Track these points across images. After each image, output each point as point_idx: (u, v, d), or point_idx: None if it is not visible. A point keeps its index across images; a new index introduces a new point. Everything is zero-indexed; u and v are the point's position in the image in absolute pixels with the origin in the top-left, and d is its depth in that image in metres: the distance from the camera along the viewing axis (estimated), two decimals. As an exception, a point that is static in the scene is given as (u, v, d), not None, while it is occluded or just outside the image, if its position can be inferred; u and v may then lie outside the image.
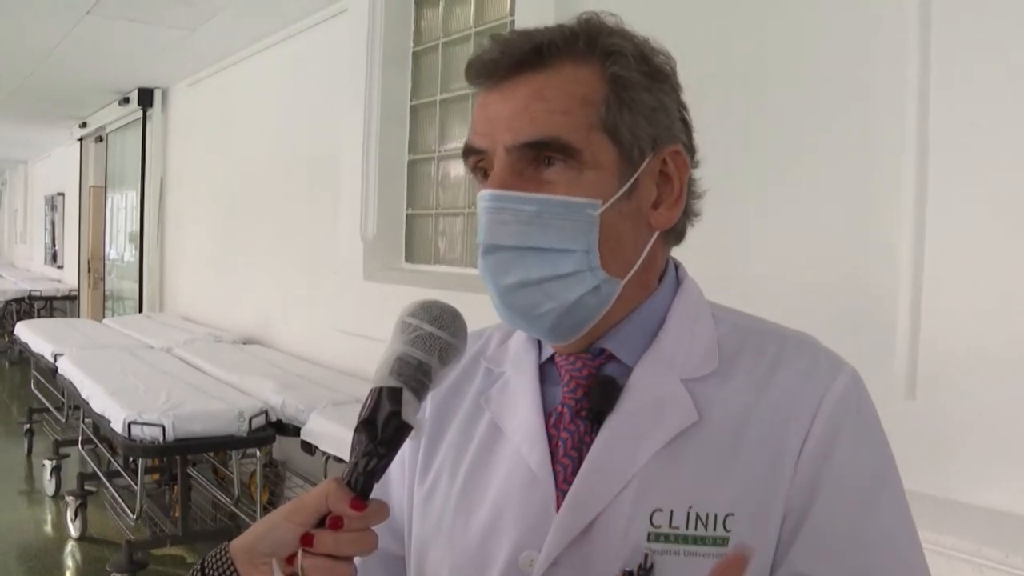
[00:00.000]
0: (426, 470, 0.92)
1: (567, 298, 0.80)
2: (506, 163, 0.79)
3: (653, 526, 0.77)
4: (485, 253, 0.81)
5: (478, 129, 0.82)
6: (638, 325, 0.85)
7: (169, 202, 7.78)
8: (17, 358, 9.54)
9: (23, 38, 5.84)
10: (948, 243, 1.89)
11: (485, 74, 0.82)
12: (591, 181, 0.79)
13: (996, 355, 1.81)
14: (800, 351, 0.83)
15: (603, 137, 0.79)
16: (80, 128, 9.88)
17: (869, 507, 0.77)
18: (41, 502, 5.24)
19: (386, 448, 0.73)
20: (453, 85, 4.07)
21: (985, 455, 1.82)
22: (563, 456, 0.82)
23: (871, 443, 0.80)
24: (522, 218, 0.79)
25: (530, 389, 0.87)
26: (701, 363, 0.83)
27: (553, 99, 0.78)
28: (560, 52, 0.79)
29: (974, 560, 1.69)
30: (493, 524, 0.83)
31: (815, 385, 0.79)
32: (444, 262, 4.13)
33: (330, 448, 3.37)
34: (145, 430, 3.46)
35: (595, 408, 0.82)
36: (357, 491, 0.72)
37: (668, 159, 0.83)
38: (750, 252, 2.27)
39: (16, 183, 17.29)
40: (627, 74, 0.80)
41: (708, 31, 2.44)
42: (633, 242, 0.82)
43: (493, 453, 0.87)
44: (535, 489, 0.82)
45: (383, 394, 0.74)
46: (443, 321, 0.78)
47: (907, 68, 1.94)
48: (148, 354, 5.19)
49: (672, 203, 0.84)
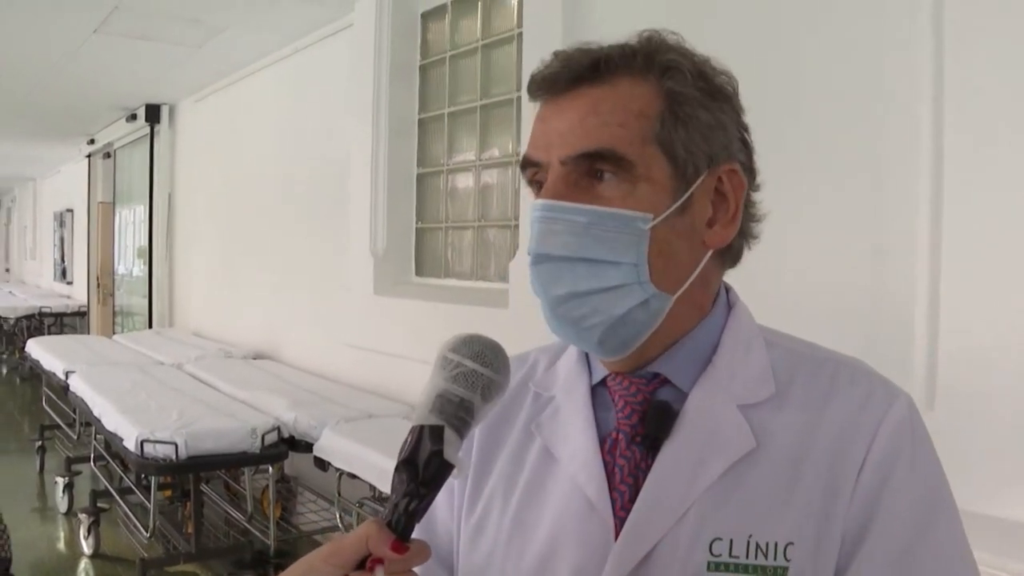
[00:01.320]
0: (475, 500, 0.90)
1: (615, 311, 0.79)
2: (560, 175, 0.80)
3: (712, 555, 0.76)
4: (535, 263, 0.81)
5: (535, 142, 0.83)
6: (692, 349, 0.85)
7: (177, 217, 7.80)
8: (28, 375, 9.57)
9: (32, 56, 5.87)
10: (966, 253, 1.88)
11: (545, 88, 0.83)
12: (643, 195, 0.79)
13: (1015, 365, 1.79)
14: (855, 378, 0.83)
15: (657, 152, 0.79)
16: (88, 144, 9.92)
17: (924, 533, 0.77)
18: (54, 519, 5.24)
19: (427, 488, 0.72)
20: (461, 98, 4.07)
21: (1006, 466, 1.80)
22: (619, 483, 0.81)
23: (926, 469, 0.80)
24: (573, 228, 0.79)
25: (583, 414, 0.86)
26: (757, 389, 0.82)
27: (608, 112, 0.79)
28: (618, 67, 0.80)
29: (998, 574, 1.67)
30: (549, 554, 0.82)
31: (871, 413, 0.79)
32: (454, 275, 4.13)
33: (343, 464, 3.36)
34: (158, 448, 3.46)
35: (651, 434, 0.81)
36: (398, 532, 0.71)
37: (724, 177, 0.83)
38: (766, 264, 2.26)
39: (25, 200, 17.36)
40: (683, 90, 0.80)
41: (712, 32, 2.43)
42: (685, 259, 0.82)
43: (546, 481, 0.86)
44: (592, 518, 0.81)
45: (424, 433, 0.73)
46: (485, 357, 0.76)
47: (922, 77, 1.94)
48: (159, 371, 5.19)
49: (727, 222, 0.84)
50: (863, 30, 2.10)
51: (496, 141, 3.87)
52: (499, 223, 3.83)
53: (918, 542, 0.76)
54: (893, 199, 2.02)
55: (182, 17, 4.93)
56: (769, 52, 2.32)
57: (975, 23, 1.86)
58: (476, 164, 3.97)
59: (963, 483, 1.82)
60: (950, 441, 1.87)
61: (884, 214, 2.05)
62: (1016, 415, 1.78)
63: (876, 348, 2.01)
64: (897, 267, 2.01)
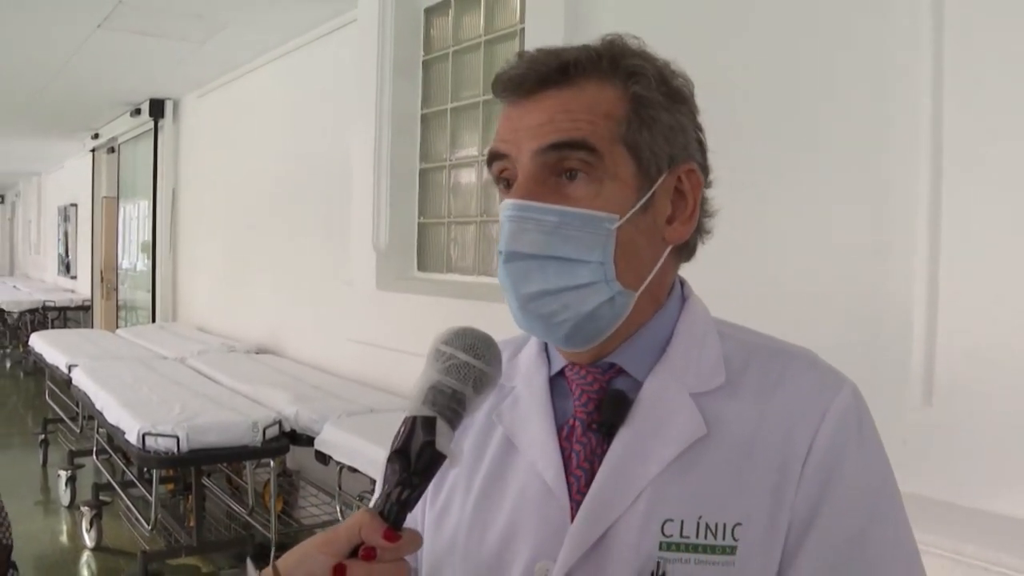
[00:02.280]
0: (438, 488, 0.93)
1: (583, 308, 0.82)
2: (530, 172, 0.82)
3: (664, 536, 0.79)
4: (506, 261, 0.84)
5: (503, 136, 0.85)
6: (647, 340, 0.88)
7: (181, 212, 7.82)
8: (32, 369, 9.60)
9: (36, 51, 5.89)
10: (963, 250, 1.88)
11: (511, 88, 0.85)
12: (610, 194, 0.82)
13: (1013, 361, 1.79)
14: (803, 367, 0.86)
15: (623, 151, 0.82)
16: (92, 139, 9.94)
17: (871, 518, 0.80)
18: (56, 512, 5.26)
19: (420, 478, 0.74)
20: (464, 93, 4.07)
21: (1003, 462, 1.81)
22: (576, 468, 0.84)
23: (872, 456, 0.83)
24: (543, 228, 0.81)
25: (542, 403, 0.89)
26: (709, 377, 0.85)
27: (578, 111, 0.82)
28: (585, 71, 0.83)
29: (993, 568, 1.68)
30: (508, 537, 0.85)
31: (818, 400, 0.82)
32: (456, 271, 4.14)
33: (344, 458, 3.37)
34: (160, 441, 3.47)
35: (607, 421, 0.84)
36: (390, 521, 0.72)
37: (683, 177, 0.86)
38: (764, 262, 2.27)
39: (29, 194, 17.40)
40: (648, 94, 0.83)
41: (714, 32, 2.43)
42: (647, 256, 0.85)
43: (507, 468, 0.89)
44: (550, 501, 0.84)
45: (417, 423, 0.75)
46: (478, 349, 0.79)
47: (920, 73, 1.94)
48: (161, 365, 5.21)
49: (685, 219, 0.87)
50: (863, 25, 2.10)
51: (498, 137, 3.87)
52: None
53: (864, 530, 0.79)
54: (892, 197, 2.02)
55: (186, 13, 4.94)
56: (768, 50, 2.32)
57: (975, 19, 1.86)
58: (479, 159, 3.98)
59: (961, 479, 1.84)
60: (947, 438, 1.89)
61: (882, 212, 2.05)
62: (1013, 413, 1.79)
63: (874, 346, 2.02)
64: (896, 265, 2.01)
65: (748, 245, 2.23)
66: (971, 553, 1.70)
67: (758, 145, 2.29)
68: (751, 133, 2.30)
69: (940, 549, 1.73)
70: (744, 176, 2.25)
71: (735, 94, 2.33)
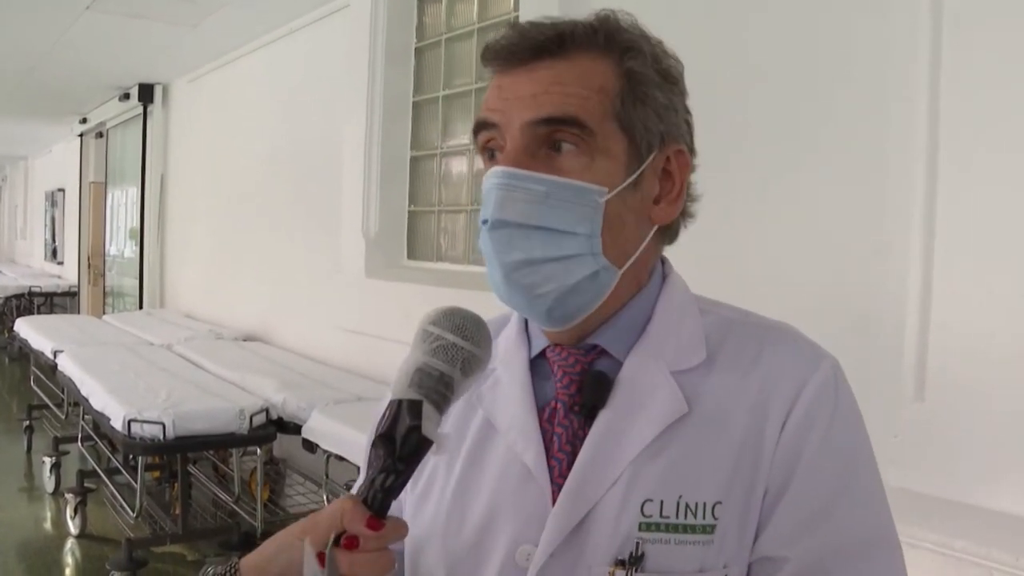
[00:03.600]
0: (420, 472, 0.90)
1: (567, 280, 0.81)
2: (520, 142, 0.80)
3: (644, 516, 0.78)
4: (492, 228, 0.81)
5: (493, 106, 0.83)
6: (628, 320, 0.87)
7: (170, 198, 7.76)
8: (17, 354, 9.53)
9: (23, 34, 5.82)
10: (957, 245, 1.88)
11: (503, 57, 0.83)
12: (600, 168, 0.80)
13: (1006, 357, 1.79)
14: (783, 341, 0.85)
15: (616, 128, 0.81)
16: (80, 124, 9.87)
17: (842, 489, 0.79)
18: (41, 499, 5.22)
19: (405, 464, 0.71)
20: (456, 81, 4.05)
21: (995, 458, 1.80)
22: (558, 451, 0.83)
23: (848, 428, 0.82)
24: (531, 197, 0.80)
25: (522, 385, 0.87)
26: (689, 355, 0.84)
27: (571, 84, 0.80)
28: (580, 43, 0.82)
29: (984, 563, 1.68)
30: (489, 521, 0.84)
31: (796, 373, 0.82)
32: (446, 259, 4.12)
33: (331, 446, 3.35)
34: (145, 428, 3.44)
35: (588, 403, 0.83)
36: (374, 509, 0.70)
37: (672, 157, 0.86)
38: (758, 254, 2.26)
39: (16, 179, 17.27)
40: (643, 70, 0.82)
41: (715, 31, 2.42)
42: (633, 233, 0.84)
43: (487, 450, 0.87)
44: (530, 485, 0.82)
45: (402, 407, 0.72)
46: (466, 330, 0.76)
47: (917, 68, 1.93)
48: (148, 351, 5.17)
49: (672, 199, 0.86)
50: (857, 22, 2.08)
51: (490, 125, 3.85)
52: (492, 208, 3.81)
53: (836, 498, 0.78)
54: (888, 194, 2.02)
55: (176, -5, 4.89)
56: (765, 49, 2.31)
57: (973, 20, 1.85)
58: (470, 148, 3.95)
59: (953, 474, 1.83)
60: (940, 433, 1.88)
61: (876, 206, 2.04)
62: (1005, 408, 1.78)
63: (866, 340, 2.01)
64: (890, 261, 2.00)
65: (743, 242, 2.22)
66: (962, 548, 1.70)
67: (751, 143, 2.28)
68: (744, 131, 2.29)
69: (931, 544, 1.73)
70: (741, 174, 2.24)
71: (728, 92, 2.31)
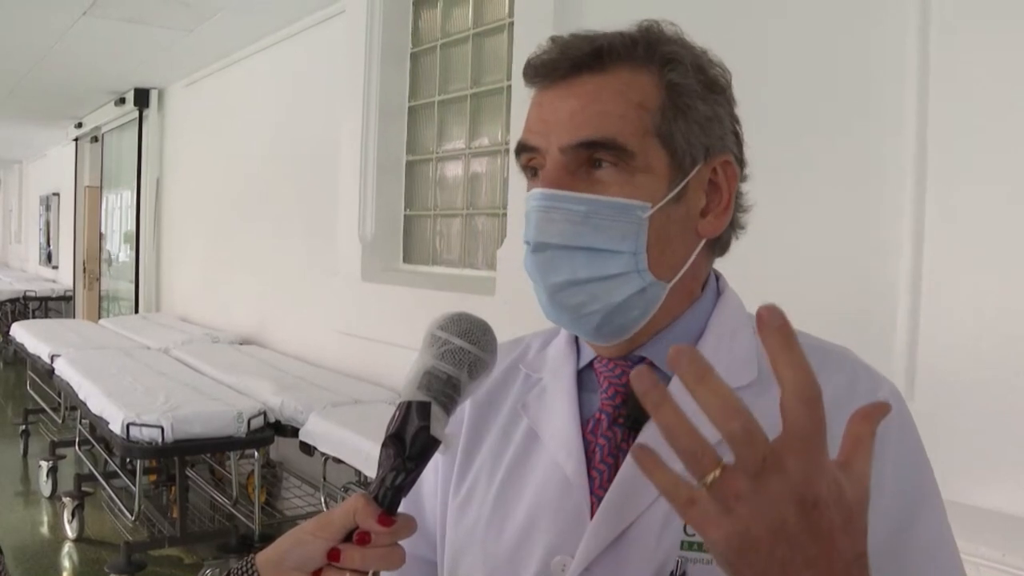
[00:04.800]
0: (462, 478, 0.92)
1: (613, 299, 0.80)
2: (559, 163, 0.80)
3: (687, 535, 0.77)
4: (535, 251, 0.81)
5: (532, 127, 0.82)
6: (679, 334, 0.85)
7: (165, 202, 7.76)
8: (12, 359, 9.52)
9: (19, 38, 5.83)
10: (947, 243, 1.90)
11: (543, 74, 0.82)
12: (642, 184, 0.79)
13: (995, 356, 1.81)
14: (841, 364, 0.82)
15: (656, 143, 0.79)
16: (76, 128, 9.86)
17: (910, 522, 0.76)
18: (37, 503, 5.22)
19: (414, 463, 0.73)
20: (451, 86, 4.07)
21: (983, 456, 1.82)
22: (599, 462, 0.82)
23: (912, 458, 0.79)
24: (572, 217, 0.79)
25: (567, 395, 0.87)
26: (741, 372, 0.82)
27: (609, 102, 0.79)
28: (619, 57, 0.80)
29: (972, 560, 1.69)
30: (527, 530, 0.83)
31: (856, 397, 0.78)
32: (442, 263, 4.14)
33: (328, 449, 3.37)
34: (144, 431, 3.46)
35: (633, 415, 0.82)
36: (385, 506, 0.72)
37: (719, 168, 0.84)
38: (748, 252, 2.28)
39: (11, 183, 17.23)
40: (684, 82, 0.80)
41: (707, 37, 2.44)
42: (680, 247, 0.83)
43: (529, 459, 0.87)
44: (570, 495, 0.82)
45: (412, 408, 0.74)
46: (473, 335, 0.77)
47: (907, 65, 1.95)
48: (145, 355, 5.18)
49: (720, 212, 0.84)
50: (848, 19, 2.11)
51: (486, 130, 3.88)
52: (488, 211, 3.84)
53: (904, 530, 0.76)
54: (875, 190, 2.04)
55: (173, 0, 4.90)
56: (754, 43, 2.33)
57: (961, 18, 1.88)
58: (466, 152, 3.98)
59: (942, 472, 1.84)
60: (929, 432, 1.90)
61: (866, 205, 2.07)
62: (994, 406, 1.81)
63: (857, 339, 2.02)
64: (878, 257, 2.03)
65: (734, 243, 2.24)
66: (951, 545, 1.72)
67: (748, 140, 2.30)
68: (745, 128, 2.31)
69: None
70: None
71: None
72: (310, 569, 0.72)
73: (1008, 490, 1.79)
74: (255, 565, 0.74)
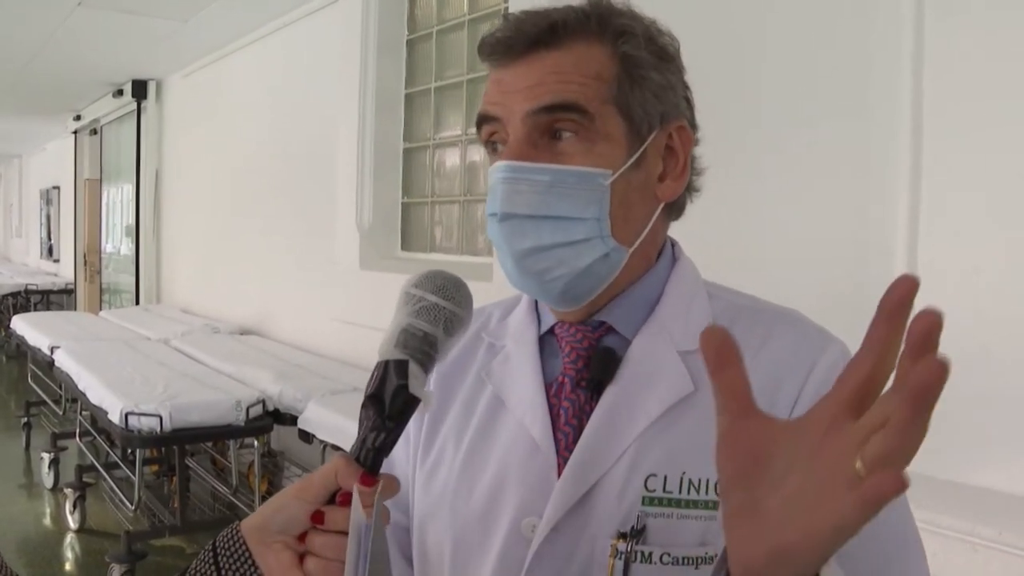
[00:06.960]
0: (430, 445, 0.93)
1: (578, 264, 0.82)
2: (522, 133, 0.81)
3: (647, 491, 0.79)
4: (501, 220, 0.83)
5: (492, 99, 0.84)
6: (637, 298, 0.87)
7: (165, 194, 7.76)
8: (14, 352, 9.54)
9: (15, 31, 5.82)
10: (941, 231, 1.90)
11: (500, 51, 0.84)
12: (602, 152, 0.81)
13: (991, 337, 1.81)
14: (792, 325, 0.86)
15: (614, 111, 0.82)
16: (74, 121, 9.85)
17: None
18: (40, 495, 5.25)
19: (394, 422, 0.73)
20: (448, 73, 4.06)
21: (978, 435, 1.83)
22: (564, 425, 0.84)
23: None
24: (537, 188, 0.81)
25: (531, 360, 0.89)
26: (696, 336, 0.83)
27: (568, 73, 0.81)
28: (573, 31, 0.82)
29: (968, 539, 1.70)
30: (496, 493, 0.85)
31: (805, 354, 0.82)
32: (440, 250, 4.13)
33: (327, 436, 3.37)
34: (142, 420, 3.46)
35: (595, 378, 0.84)
36: (366, 467, 0.72)
37: (674, 134, 0.86)
38: (745, 241, 2.27)
39: (11, 177, 17.24)
40: (637, 53, 0.83)
41: (711, 20, 2.43)
42: (640, 212, 0.85)
43: (495, 424, 0.88)
44: (537, 457, 0.84)
45: (389, 367, 0.74)
46: (448, 291, 0.78)
47: (902, 54, 1.95)
48: (145, 346, 5.19)
49: (677, 175, 0.87)
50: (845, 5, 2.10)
51: (482, 116, 3.86)
52: (485, 198, 3.81)
53: None
54: (871, 180, 2.04)
55: (167, -11, 4.89)
56: (752, 31, 2.32)
57: (955, 7, 1.87)
58: (462, 139, 3.97)
59: (939, 452, 1.84)
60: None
61: (863, 193, 2.06)
62: (989, 387, 1.80)
63: (854, 321, 2.02)
64: (875, 241, 2.02)
65: (726, 228, 2.24)
66: (948, 525, 1.72)
67: (741, 126, 2.29)
68: (735, 114, 2.30)
69: (920, 522, 1.75)
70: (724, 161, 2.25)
71: (721, 74, 2.33)
72: (294, 532, 0.73)
73: (1004, 469, 1.79)
74: (240, 532, 0.74)
